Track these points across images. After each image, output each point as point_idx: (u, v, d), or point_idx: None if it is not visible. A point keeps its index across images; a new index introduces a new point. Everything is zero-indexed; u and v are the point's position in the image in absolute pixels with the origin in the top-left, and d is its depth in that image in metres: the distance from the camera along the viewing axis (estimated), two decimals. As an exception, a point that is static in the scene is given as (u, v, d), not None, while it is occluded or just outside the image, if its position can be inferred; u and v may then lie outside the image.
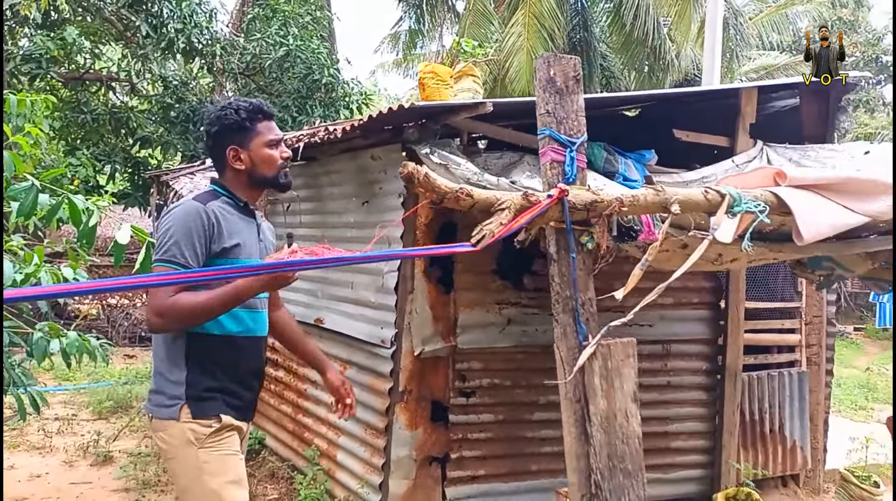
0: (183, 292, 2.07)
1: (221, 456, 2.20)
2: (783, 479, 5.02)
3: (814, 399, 5.03)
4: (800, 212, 1.76)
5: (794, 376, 4.95)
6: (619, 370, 1.47)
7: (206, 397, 2.21)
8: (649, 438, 4.38)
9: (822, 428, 5.10)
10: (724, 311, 4.58)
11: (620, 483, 1.44)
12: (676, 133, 4.38)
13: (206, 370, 2.22)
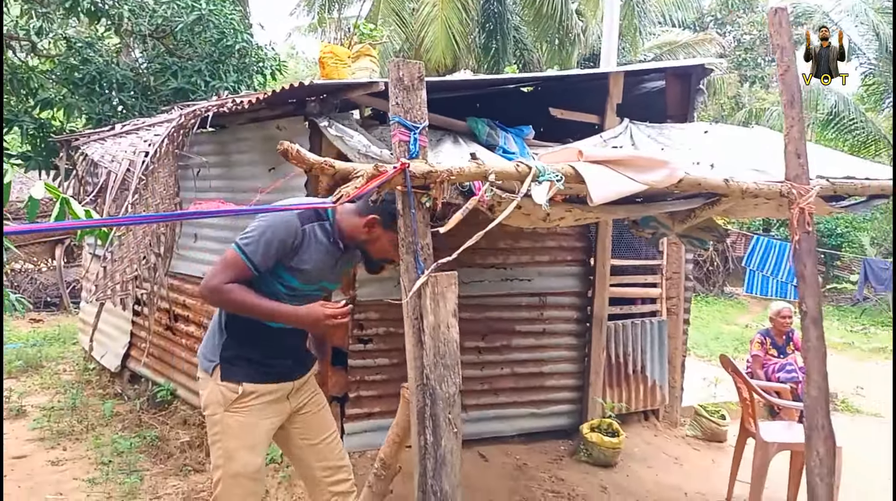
0: (237, 285, 2.39)
1: (241, 422, 2.51)
2: (645, 413, 5.82)
3: (672, 345, 5.83)
4: (591, 180, 2.35)
5: (654, 324, 5.72)
6: (444, 294, 2.01)
7: (235, 363, 2.53)
8: (527, 378, 5.10)
9: (679, 370, 5.90)
10: (593, 267, 5.27)
11: (442, 373, 1.99)
12: (552, 111, 4.97)
13: (240, 342, 2.54)
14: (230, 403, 2.51)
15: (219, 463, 2.53)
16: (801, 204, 3.01)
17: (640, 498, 4.53)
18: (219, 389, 2.52)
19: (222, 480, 2.52)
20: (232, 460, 2.50)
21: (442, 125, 4.51)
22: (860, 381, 8.56)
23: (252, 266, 2.42)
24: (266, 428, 2.56)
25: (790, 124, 3.07)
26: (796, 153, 3.06)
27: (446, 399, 1.99)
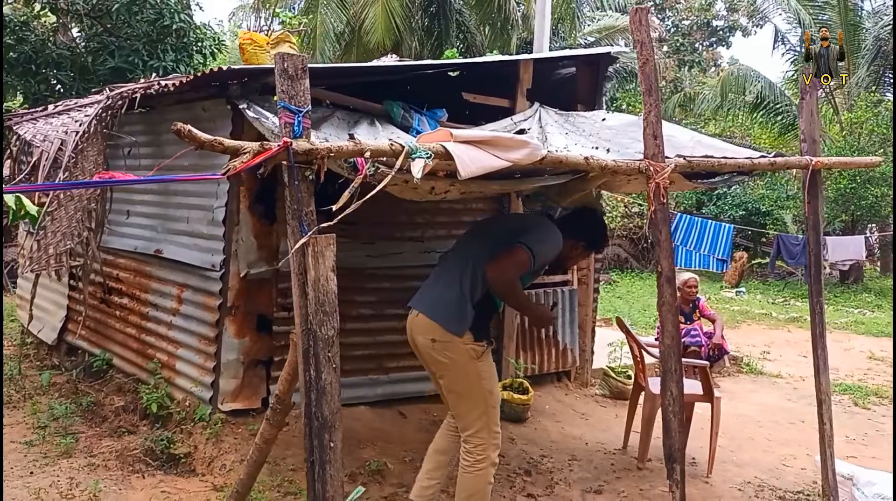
0: (518, 283, 3.46)
1: (489, 367, 3.49)
2: (558, 375, 6.33)
3: (583, 312, 6.34)
4: (459, 157, 2.74)
5: (566, 293, 6.20)
6: (323, 252, 2.39)
7: (479, 329, 3.43)
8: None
9: (590, 335, 6.43)
10: (506, 241, 5.71)
11: (322, 318, 2.38)
12: (465, 96, 5.37)
13: (480, 316, 3.45)
14: (479, 355, 3.42)
15: (486, 400, 3.44)
16: (656, 179, 3.47)
17: (543, 447, 5.02)
18: (470, 347, 3.40)
19: (489, 410, 3.45)
20: (492, 393, 3.47)
21: (360, 108, 4.87)
22: (769, 347, 9.27)
23: (532, 266, 3.44)
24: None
25: (648, 110, 3.53)
26: (653, 135, 3.52)
27: (325, 340, 2.39)
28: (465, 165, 2.77)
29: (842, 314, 12.34)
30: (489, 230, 3.89)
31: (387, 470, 4.38)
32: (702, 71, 23.39)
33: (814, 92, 4.61)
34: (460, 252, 3.73)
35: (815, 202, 4.54)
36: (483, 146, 2.86)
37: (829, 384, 4.57)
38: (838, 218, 15.68)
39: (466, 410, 3.46)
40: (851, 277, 15.96)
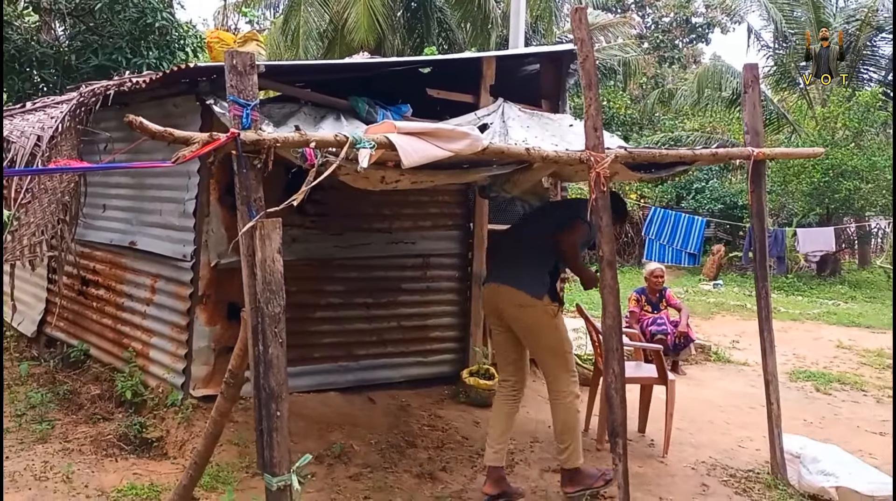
0: (579, 250, 4.17)
1: (563, 323, 4.19)
2: (525, 363, 6.49)
3: (548, 301, 6.50)
4: (402, 148, 2.90)
5: (532, 283, 6.37)
6: (269, 235, 2.55)
7: (552, 292, 4.11)
8: (413, 331, 5.73)
9: (556, 324, 6.59)
10: (472, 231, 5.89)
11: (269, 296, 2.54)
12: (429, 91, 5.53)
13: (553, 281, 4.14)
14: (555, 313, 4.09)
15: (564, 348, 4.16)
16: (597, 169, 3.65)
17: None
18: (548, 307, 4.05)
19: (567, 355, 4.17)
20: (567, 341, 4.19)
21: (327, 104, 5.03)
22: (740, 337, 9.48)
23: (589, 235, 4.03)
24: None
25: (588, 103, 3.71)
26: (594, 127, 3.70)
27: (272, 317, 2.55)
28: (408, 154, 2.94)
29: (815, 305, 12.58)
30: (547, 214, 4.56)
31: (353, 452, 4.54)
32: (682, 67, 23.65)
33: (756, 86, 4.79)
34: (525, 233, 4.35)
35: (759, 192, 4.74)
36: (425, 137, 3.03)
37: (775, 365, 4.75)
38: (813, 211, 15.94)
39: (549, 358, 4.18)
40: (828, 269, 16.23)
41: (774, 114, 17.38)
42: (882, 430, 5.82)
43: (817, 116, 16.25)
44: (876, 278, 16.43)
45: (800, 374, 7.54)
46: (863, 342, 9.47)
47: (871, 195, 15.19)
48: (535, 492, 4.21)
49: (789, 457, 4.57)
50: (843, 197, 14.89)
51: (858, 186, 14.75)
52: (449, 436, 4.92)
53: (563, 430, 4.11)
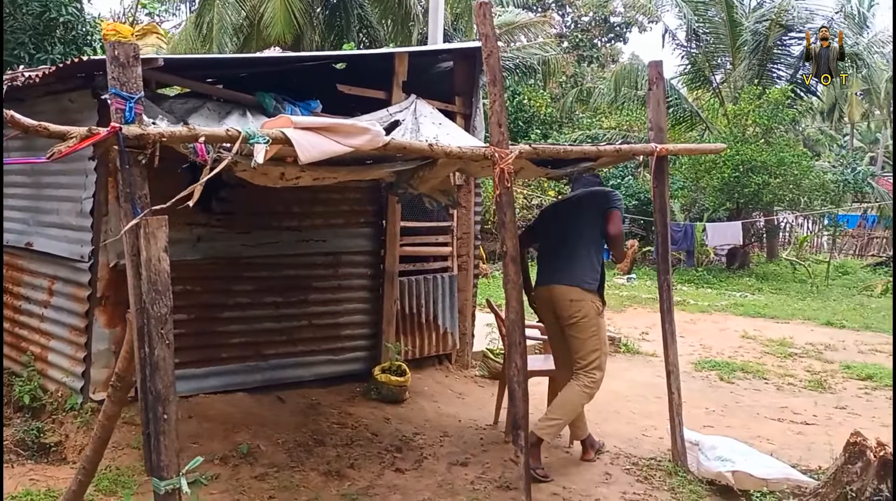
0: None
1: (604, 322, 4.63)
2: (439, 358, 6.57)
3: (463, 297, 6.60)
4: (298, 143, 2.89)
5: (446, 279, 6.45)
6: (154, 233, 2.49)
7: (601, 288, 4.54)
8: (324, 329, 5.69)
9: (470, 319, 6.69)
10: (384, 228, 5.89)
11: (154, 297, 2.48)
12: (339, 87, 5.51)
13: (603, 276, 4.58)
14: (600, 311, 4.50)
15: (598, 347, 4.48)
16: (501, 165, 3.72)
17: (418, 425, 5.24)
18: (596, 303, 4.48)
19: (601, 356, 4.50)
20: (605, 343, 4.59)
21: (232, 99, 4.94)
22: (650, 328, 9.79)
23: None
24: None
25: (493, 99, 3.77)
26: (498, 123, 3.77)
27: (158, 318, 2.50)
28: (305, 150, 2.92)
29: (723, 297, 13.13)
30: (578, 209, 4.71)
31: (259, 452, 4.49)
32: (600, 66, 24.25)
33: (660, 83, 4.95)
34: (566, 231, 4.60)
35: (662, 187, 4.91)
36: (324, 132, 3.02)
37: (676, 356, 4.95)
38: (723, 206, 16.61)
39: (588, 351, 4.47)
40: (737, 262, 16.96)
41: (688, 112, 18.02)
42: (780, 417, 6.13)
43: (728, 113, 16.90)
44: (782, 271, 17.26)
45: (705, 364, 7.87)
46: (767, 332, 9.95)
47: (779, 190, 15.83)
48: (441, 486, 4.26)
49: (689, 445, 4.76)
50: (752, 192, 15.47)
51: (767, 181, 15.35)
52: (358, 433, 4.92)
53: (562, 405, 4.56)
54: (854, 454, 3.82)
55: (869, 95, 34.31)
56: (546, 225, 4.90)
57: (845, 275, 17.75)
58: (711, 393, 6.83)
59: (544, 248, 4.80)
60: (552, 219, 4.90)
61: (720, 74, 19.17)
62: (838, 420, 6.01)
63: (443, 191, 4.40)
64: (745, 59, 17.44)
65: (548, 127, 20.08)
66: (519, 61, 17.68)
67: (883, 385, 7.22)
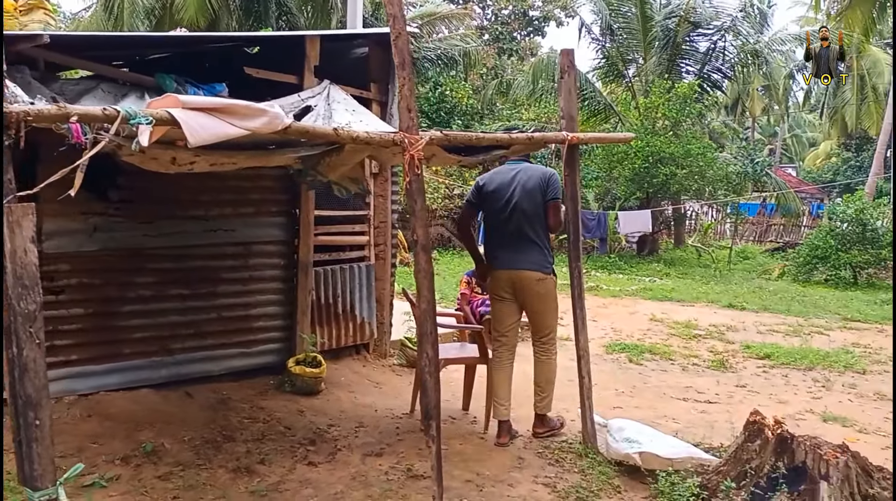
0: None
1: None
2: (356, 348, 6.38)
3: (380, 286, 6.42)
4: (186, 124, 2.66)
5: (363, 268, 6.26)
6: (20, 222, 2.23)
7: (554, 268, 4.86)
8: (234, 321, 5.40)
9: (388, 308, 6.53)
10: (298, 217, 5.65)
11: (21, 292, 2.23)
12: (247, 70, 5.22)
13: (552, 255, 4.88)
14: (556, 284, 4.87)
15: (556, 319, 5.01)
16: (411, 151, 3.56)
17: (333, 417, 5.05)
18: (554, 281, 4.86)
19: (557, 319, 5.02)
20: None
21: (129, 81, 4.60)
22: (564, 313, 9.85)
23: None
24: None
25: (402, 83, 3.60)
26: (407, 108, 3.60)
27: (26, 315, 2.23)
28: (195, 132, 2.68)
29: (634, 282, 13.42)
30: (525, 191, 4.77)
31: (163, 451, 4.21)
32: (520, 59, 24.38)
33: (571, 71, 4.88)
34: (516, 212, 4.74)
35: (573, 175, 4.86)
36: (217, 114, 2.78)
37: (587, 341, 4.92)
38: (634, 195, 17.00)
39: (549, 322, 4.92)
40: (647, 248, 17.41)
41: (603, 104, 18.32)
42: (685, 396, 6.24)
43: (640, 106, 17.27)
44: (688, 257, 17.83)
45: (616, 346, 7.97)
46: (673, 314, 10.20)
47: (686, 180, 16.33)
48: (355, 478, 4.09)
49: (599, 427, 4.76)
50: (661, 182, 15.94)
51: (675, 172, 15.84)
52: (270, 427, 4.70)
53: (548, 381, 4.96)
54: (753, 432, 3.88)
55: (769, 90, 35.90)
56: (490, 202, 4.87)
57: (746, 260, 18.52)
58: (621, 375, 6.90)
59: (495, 228, 4.90)
60: (496, 195, 4.84)
61: (633, 69, 19.56)
62: (739, 399, 6.17)
63: (353, 178, 4.21)
64: (655, 54, 17.84)
65: (469, 118, 20.04)
66: (441, 52, 17.52)
67: (780, 364, 7.47)
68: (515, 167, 4.84)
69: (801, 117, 46.21)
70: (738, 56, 18.47)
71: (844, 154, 36.90)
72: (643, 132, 15.95)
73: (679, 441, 4.64)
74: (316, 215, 5.77)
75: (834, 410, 5.87)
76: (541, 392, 4.96)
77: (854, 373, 7.20)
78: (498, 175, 4.95)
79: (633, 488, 4.20)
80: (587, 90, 17.85)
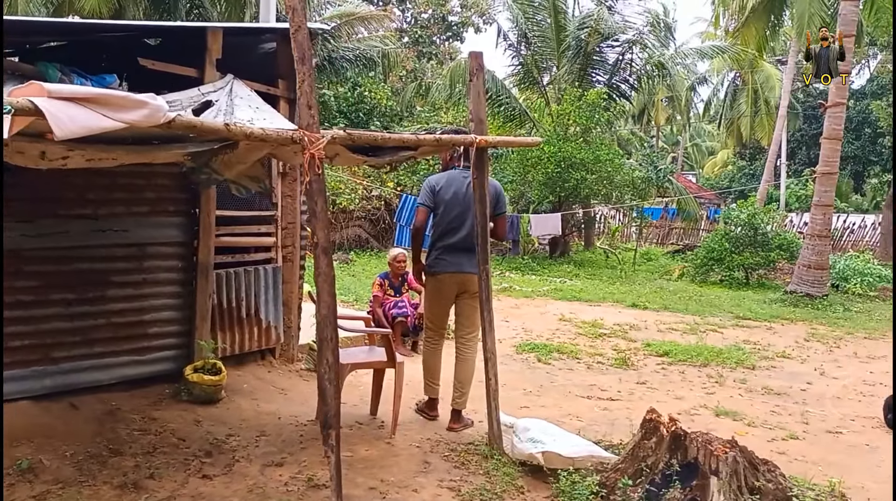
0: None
1: None
2: (262, 353, 6.09)
3: (288, 289, 6.15)
4: (53, 115, 2.38)
5: (269, 270, 5.97)
6: None
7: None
8: (126, 327, 5.03)
9: (296, 312, 6.26)
10: (197, 217, 5.32)
11: None
12: (142, 62, 4.87)
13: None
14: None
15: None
16: (311, 150, 3.36)
17: (233, 426, 4.76)
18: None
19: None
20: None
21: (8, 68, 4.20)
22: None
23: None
24: None
25: (301, 79, 3.40)
26: (307, 105, 3.40)
27: None
28: (62, 124, 2.40)
29: (546, 283, 13.56)
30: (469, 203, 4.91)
31: (41, 468, 3.85)
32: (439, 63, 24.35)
33: (480, 74, 4.77)
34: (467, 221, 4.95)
35: (481, 177, 4.75)
36: (89, 104, 2.51)
37: (493, 343, 4.83)
38: (547, 199, 17.21)
39: (477, 319, 4.89)
40: (558, 250, 17.66)
41: (518, 111, 18.47)
42: (589, 394, 6.27)
43: (553, 113, 17.50)
44: (597, 258, 18.22)
45: (525, 346, 7.97)
46: (581, 314, 10.33)
47: (595, 185, 16.66)
48: (252, 491, 3.84)
49: (505, 428, 4.69)
50: (572, 186, 16.20)
51: (585, 177, 16.12)
52: (163, 439, 4.37)
53: (468, 378, 5.12)
54: (649, 430, 3.89)
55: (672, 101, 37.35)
56: (445, 208, 5.07)
57: (649, 261, 19.11)
58: (530, 374, 6.89)
59: (447, 233, 5.07)
60: (454, 201, 5.06)
61: (547, 77, 19.83)
62: (639, 395, 6.25)
63: (252, 177, 3.96)
64: (568, 63, 18.11)
65: (388, 119, 19.84)
66: (360, 53, 17.23)
67: (677, 361, 7.65)
68: (466, 175, 4.98)
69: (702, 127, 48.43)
70: (645, 68, 19.01)
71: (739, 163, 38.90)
72: (556, 138, 16.16)
73: (581, 439, 4.62)
74: (219, 216, 5.45)
75: (726, 405, 6.02)
76: (461, 388, 5.11)
77: (744, 369, 7.45)
78: (452, 182, 5.08)
79: (536, 488, 4.15)
80: (503, 96, 17.96)
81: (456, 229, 5.05)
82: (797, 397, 6.51)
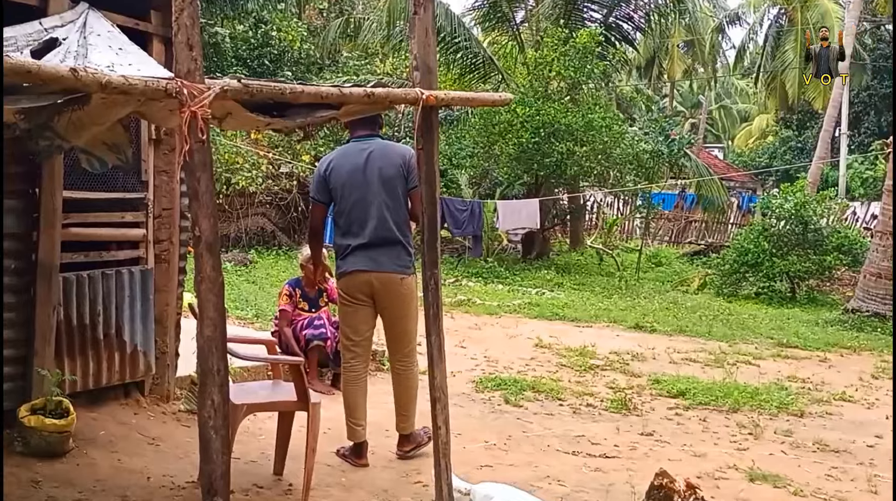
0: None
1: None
2: (126, 388, 6.04)
3: (162, 300, 6.11)
4: None
5: (136, 274, 5.91)
6: None
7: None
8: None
9: (173, 332, 6.23)
10: (38, 201, 5.24)
11: None
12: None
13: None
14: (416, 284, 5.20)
15: (416, 328, 5.38)
16: (193, 107, 3.35)
17: (84, 490, 4.73)
18: (416, 280, 5.24)
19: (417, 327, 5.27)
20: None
21: None
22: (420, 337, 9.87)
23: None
24: None
25: (180, 8, 3.38)
26: (188, 44, 3.38)
27: None
28: None
29: (517, 295, 13.76)
30: (381, 177, 5.28)
31: None
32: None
33: (429, 6, 4.71)
34: (372, 204, 5.25)
35: (430, 147, 4.72)
36: None
37: (444, 378, 4.84)
38: (520, 180, 17.36)
39: (411, 327, 5.48)
40: (535, 250, 17.79)
41: (481, 58, 18.66)
42: (575, 449, 6.34)
43: (529, 62, 17.60)
44: (587, 261, 18.52)
45: (489, 382, 8.07)
46: (565, 338, 10.52)
47: (586, 161, 16.64)
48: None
49: (458, 496, 4.73)
50: (555, 162, 16.17)
51: (572, 150, 16.06)
52: (-17, 510, 4.31)
53: (411, 399, 5.58)
54: (659, 499, 3.99)
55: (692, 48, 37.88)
56: (342, 194, 5.34)
57: (659, 267, 19.42)
58: (493, 421, 6.97)
59: (349, 224, 5.36)
60: (350, 184, 5.31)
61: (521, 13, 20.03)
62: (643, 451, 6.37)
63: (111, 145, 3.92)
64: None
65: (304, 69, 19.79)
66: (264, -23, 17.18)
67: (697, 404, 7.78)
68: (366, 147, 5.14)
69: (732, 84, 49.20)
70: (655, 1, 19.30)
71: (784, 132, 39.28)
72: (532, 96, 16.32)
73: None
74: (67, 198, 5.38)
75: (763, 465, 6.10)
76: (403, 412, 5.60)
77: (789, 416, 7.59)
78: (346, 159, 5.26)
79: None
80: (461, 39, 18.10)
81: (361, 221, 5.28)
82: (862, 455, 6.58)
